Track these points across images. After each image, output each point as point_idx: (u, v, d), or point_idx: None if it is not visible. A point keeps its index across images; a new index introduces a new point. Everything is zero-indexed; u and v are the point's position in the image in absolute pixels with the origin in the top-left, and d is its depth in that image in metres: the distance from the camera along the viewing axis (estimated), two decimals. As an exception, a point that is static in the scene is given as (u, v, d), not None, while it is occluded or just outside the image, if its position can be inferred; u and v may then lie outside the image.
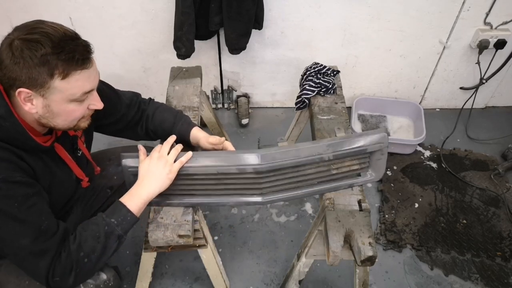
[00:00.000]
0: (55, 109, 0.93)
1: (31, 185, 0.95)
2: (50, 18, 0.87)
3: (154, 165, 1.08)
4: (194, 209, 1.19)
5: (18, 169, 0.93)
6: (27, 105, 0.91)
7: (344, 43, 2.04)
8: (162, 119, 1.30)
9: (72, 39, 0.92)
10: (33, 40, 0.86)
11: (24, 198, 0.92)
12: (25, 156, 0.95)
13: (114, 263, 1.68)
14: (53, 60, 0.87)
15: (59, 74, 0.89)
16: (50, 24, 0.90)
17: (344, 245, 1.12)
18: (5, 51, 0.87)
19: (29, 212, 0.93)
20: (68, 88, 0.91)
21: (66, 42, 0.89)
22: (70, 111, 0.96)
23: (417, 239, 1.75)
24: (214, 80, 2.23)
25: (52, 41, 0.87)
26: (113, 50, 2.04)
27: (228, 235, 1.79)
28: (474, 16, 1.91)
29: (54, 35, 0.88)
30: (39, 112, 0.93)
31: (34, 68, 0.86)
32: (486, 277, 1.64)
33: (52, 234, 0.95)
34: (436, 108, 2.38)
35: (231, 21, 1.76)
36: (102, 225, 1.01)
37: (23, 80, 0.87)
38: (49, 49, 0.86)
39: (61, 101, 0.93)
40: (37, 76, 0.87)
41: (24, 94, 0.89)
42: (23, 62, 0.86)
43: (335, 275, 1.65)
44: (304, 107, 1.62)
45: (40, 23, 0.90)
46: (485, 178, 1.99)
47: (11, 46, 0.86)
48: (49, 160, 1.04)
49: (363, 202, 1.19)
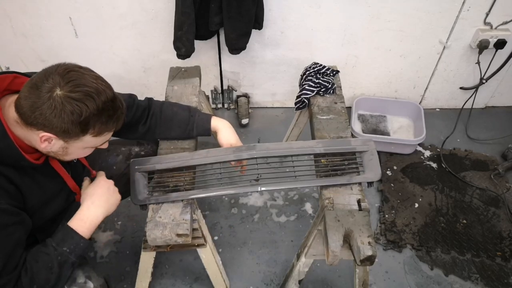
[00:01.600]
0: (71, 151, 0.98)
1: (14, 214, 0.95)
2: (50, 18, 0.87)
3: (100, 188, 1.13)
4: (192, 208, 1.19)
5: (5, 195, 0.93)
6: (44, 144, 0.93)
7: (344, 43, 2.04)
8: (173, 113, 1.33)
9: (112, 101, 0.95)
10: (78, 99, 0.88)
11: (3, 227, 0.91)
12: (13, 175, 0.95)
13: (114, 264, 1.70)
14: (93, 121, 0.92)
15: (93, 133, 0.94)
16: (91, 79, 0.91)
17: (344, 244, 1.12)
18: (46, 100, 0.87)
19: (3, 242, 0.92)
20: (93, 141, 0.97)
21: (107, 105, 0.93)
22: (83, 153, 1.03)
23: (417, 239, 1.75)
24: (214, 80, 2.23)
25: (96, 104, 0.90)
26: (113, 50, 2.04)
27: (228, 235, 1.79)
28: (474, 16, 1.91)
29: (98, 97, 0.90)
30: (52, 150, 0.96)
31: (72, 124, 0.89)
32: (486, 277, 1.63)
33: (14, 267, 0.94)
34: (436, 108, 2.38)
35: (231, 21, 1.76)
36: (54, 255, 0.99)
37: (55, 130, 0.90)
38: (93, 111, 0.90)
39: (80, 147, 0.98)
40: (72, 131, 0.90)
41: (46, 137, 0.91)
42: (63, 117, 0.88)
43: (335, 275, 1.65)
44: (304, 107, 1.62)
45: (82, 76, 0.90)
46: (485, 178, 1.99)
47: (52, 97, 0.87)
48: (40, 175, 1.03)
49: (362, 201, 1.19)
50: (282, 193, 1.95)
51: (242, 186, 1.24)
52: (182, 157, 1.28)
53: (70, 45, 1.99)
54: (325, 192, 1.22)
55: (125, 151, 1.41)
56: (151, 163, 1.28)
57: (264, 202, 1.91)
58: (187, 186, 1.23)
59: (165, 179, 1.25)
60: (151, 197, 1.20)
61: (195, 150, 1.36)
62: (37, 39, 1.98)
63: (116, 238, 1.76)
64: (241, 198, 1.92)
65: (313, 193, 1.95)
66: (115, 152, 1.40)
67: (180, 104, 1.39)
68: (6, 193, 0.93)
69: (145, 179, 1.27)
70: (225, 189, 1.24)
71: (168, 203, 1.19)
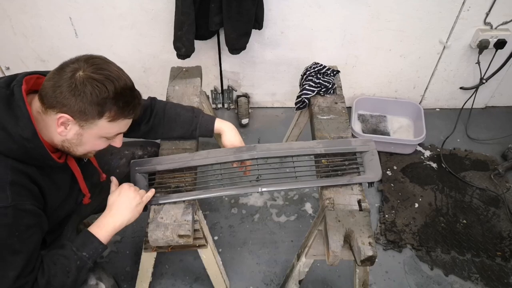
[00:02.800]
0: (85, 139, 0.98)
1: (36, 215, 0.96)
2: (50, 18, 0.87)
3: (124, 195, 1.13)
4: (194, 208, 1.19)
5: (30, 195, 0.94)
6: (60, 128, 0.93)
7: (344, 43, 2.04)
8: (176, 113, 1.34)
9: (131, 89, 0.99)
10: (98, 80, 0.91)
11: (26, 228, 0.92)
12: (35, 174, 0.96)
13: (114, 264, 1.69)
14: (110, 104, 0.93)
15: (108, 117, 0.95)
16: (115, 68, 0.96)
17: (344, 245, 1.12)
18: (67, 80, 0.90)
19: (25, 244, 0.93)
20: (108, 128, 0.98)
21: (125, 91, 0.96)
22: (96, 144, 1.02)
23: (417, 239, 1.75)
24: (214, 80, 2.23)
25: (115, 88, 0.93)
26: (113, 50, 2.04)
27: (228, 235, 1.79)
28: (474, 16, 1.91)
29: (118, 82, 0.94)
30: (68, 137, 0.96)
31: (89, 105, 0.91)
32: (486, 277, 1.64)
33: (32, 270, 0.95)
34: (436, 108, 2.38)
35: (231, 21, 1.76)
36: (74, 259, 1.01)
37: (72, 109, 0.91)
38: (111, 94, 0.92)
39: (95, 135, 0.98)
40: (89, 112, 0.92)
41: (63, 119, 0.92)
42: (83, 96, 0.90)
43: (335, 275, 1.65)
44: (304, 107, 1.62)
45: (106, 63, 0.95)
46: (485, 178, 1.99)
47: (74, 77, 0.90)
48: (57, 175, 1.04)
49: (363, 202, 1.19)
50: (282, 193, 1.95)
51: (243, 187, 1.24)
52: (182, 158, 1.28)
53: (70, 45, 1.99)
54: (325, 192, 1.22)
55: (128, 154, 1.41)
56: (151, 164, 1.28)
57: (264, 202, 1.91)
58: (188, 187, 1.23)
59: (166, 180, 1.25)
60: (152, 198, 1.20)
61: (196, 150, 1.36)
62: (37, 39, 1.98)
63: (116, 238, 1.76)
64: (241, 198, 1.92)
65: (313, 193, 1.95)
66: (119, 155, 1.40)
67: (183, 105, 1.39)
68: (30, 193, 0.94)
69: (146, 180, 1.27)
70: (226, 189, 1.24)
71: (169, 204, 1.19)
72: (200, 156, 1.28)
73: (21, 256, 0.92)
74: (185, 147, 1.36)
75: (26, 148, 0.91)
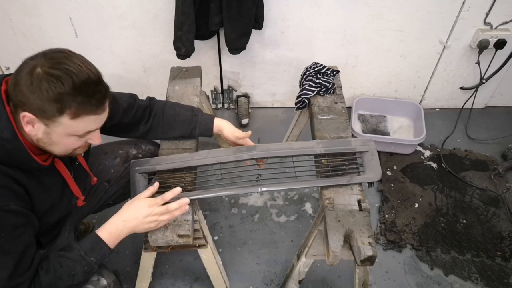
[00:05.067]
0: (54, 138, 0.94)
1: (24, 215, 0.95)
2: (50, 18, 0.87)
3: (135, 204, 1.11)
4: (193, 208, 1.19)
5: (14, 196, 0.92)
6: (28, 127, 0.91)
7: (344, 43, 2.04)
8: (175, 113, 1.33)
9: (94, 83, 0.91)
10: (54, 75, 0.86)
11: (13, 228, 0.91)
12: (20, 177, 0.94)
13: (114, 264, 1.69)
14: (68, 100, 0.87)
15: (70, 114, 0.89)
16: (77, 61, 0.90)
17: (344, 245, 1.12)
18: (25, 76, 0.86)
19: (15, 243, 0.92)
20: (73, 126, 0.92)
21: (87, 85, 0.89)
22: (69, 143, 0.97)
23: (417, 239, 1.75)
24: (214, 80, 2.23)
25: (73, 82, 0.87)
26: (113, 50, 2.04)
27: (228, 235, 1.79)
28: (474, 16, 1.91)
29: (77, 76, 0.87)
30: (38, 136, 0.93)
31: (46, 102, 0.86)
32: (486, 277, 1.64)
33: (26, 269, 0.94)
34: (436, 108, 2.38)
35: (231, 21, 1.76)
36: (81, 264, 1.00)
37: (32, 107, 0.87)
38: (68, 89, 0.86)
39: (63, 134, 0.93)
40: (47, 109, 0.87)
41: (27, 118, 0.89)
42: (39, 93, 0.86)
43: (335, 275, 1.65)
44: (304, 107, 1.62)
45: (68, 58, 0.89)
46: (485, 178, 1.99)
47: (32, 73, 0.86)
48: (45, 177, 1.03)
49: (362, 202, 1.19)
50: (282, 193, 1.95)
51: (243, 187, 1.24)
52: (182, 158, 1.28)
53: (70, 45, 1.96)
54: (325, 192, 1.22)
55: (122, 153, 1.40)
56: (151, 164, 1.28)
57: (264, 202, 1.91)
58: (188, 187, 1.23)
59: (166, 180, 1.25)
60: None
61: (196, 150, 1.36)
62: (37, 39, 1.98)
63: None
64: (241, 198, 1.92)
65: (313, 193, 1.95)
66: (112, 155, 1.40)
67: (182, 104, 1.39)
68: (14, 194, 0.93)
69: (146, 180, 1.27)
70: (226, 189, 1.23)
71: (169, 204, 1.19)
72: (200, 156, 1.28)
73: (11, 256, 0.91)
74: (185, 147, 1.36)
75: (6, 149, 0.89)
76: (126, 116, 1.27)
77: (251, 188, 1.23)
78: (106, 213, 1.36)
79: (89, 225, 1.73)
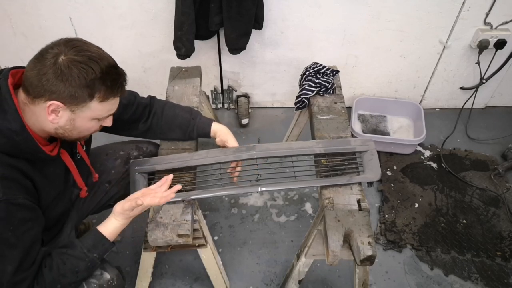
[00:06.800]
0: (78, 124, 0.97)
1: (31, 209, 0.96)
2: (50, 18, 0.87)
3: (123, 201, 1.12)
4: (193, 208, 1.19)
5: (22, 189, 0.93)
6: (51, 116, 0.92)
7: (344, 43, 2.04)
8: (174, 114, 1.34)
9: (115, 67, 0.97)
10: (82, 62, 0.89)
11: (21, 222, 0.92)
12: (27, 168, 0.95)
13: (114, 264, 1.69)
14: (98, 84, 0.92)
15: (99, 98, 0.94)
16: (95, 47, 0.94)
17: (344, 244, 1.12)
18: (51, 66, 0.88)
19: (22, 238, 0.93)
20: (100, 109, 0.97)
21: (111, 69, 0.95)
22: (90, 127, 1.01)
23: (417, 239, 1.75)
24: (214, 80, 2.23)
25: (101, 67, 0.91)
26: (113, 50, 2.01)
27: (228, 235, 1.79)
28: (474, 16, 1.91)
29: (101, 61, 0.92)
30: (60, 123, 0.95)
31: (79, 88, 0.90)
32: (486, 277, 1.64)
33: (31, 264, 0.95)
34: (436, 108, 2.38)
35: (231, 21, 1.76)
36: (85, 261, 1.02)
37: (62, 95, 0.90)
38: (98, 74, 0.90)
39: (87, 118, 0.97)
40: (79, 95, 0.91)
41: (53, 106, 0.91)
42: (71, 80, 0.88)
43: (335, 275, 1.65)
44: (304, 107, 1.62)
45: (86, 44, 0.94)
46: (485, 178, 1.99)
47: (58, 62, 0.88)
48: (50, 169, 1.04)
49: (362, 201, 1.19)
50: (282, 193, 1.95)
51: (242, 187, 1.24)
52: (182, 158, 1.28)
53: (70, 45, 1.99)
54: (325, 192, 1.22)
55: (123, 155, 1.41)
56: (151, 164, 1.28)
57: (264, 202, 1.91)
58: (188, 187, 1.23)
59: (165, 180, 1.25)
60: None
61: (195, 150, 1.36)
62: (37, 39, 1.98)
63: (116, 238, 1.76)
64: (241, 198, 1.92)
65: (313, 193, 1.95)
66: (114, 156, 1.40)
67: (182, 106, 1.39)
68: (23, 188, 0.94)
69: (145, 180, 1.27)
70: (226, 189, 1.24)
71: (169, 204, 1.19)
72: (199, 156, 1.28)
73: (18, 250, 0.92)
74: (184, 147, 1.36)
75: (15, 141, 0.90)
76: (125, 113, 1.27)
77: (251, 188, 1.23)
78: (106, 213, 1.36)
79: (89, 225, 1.74)
